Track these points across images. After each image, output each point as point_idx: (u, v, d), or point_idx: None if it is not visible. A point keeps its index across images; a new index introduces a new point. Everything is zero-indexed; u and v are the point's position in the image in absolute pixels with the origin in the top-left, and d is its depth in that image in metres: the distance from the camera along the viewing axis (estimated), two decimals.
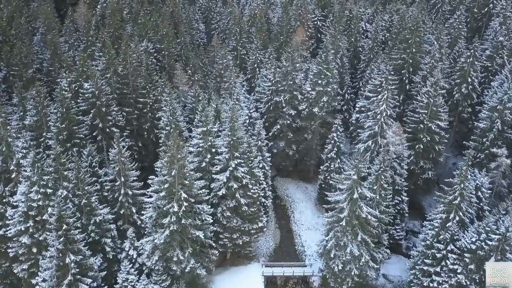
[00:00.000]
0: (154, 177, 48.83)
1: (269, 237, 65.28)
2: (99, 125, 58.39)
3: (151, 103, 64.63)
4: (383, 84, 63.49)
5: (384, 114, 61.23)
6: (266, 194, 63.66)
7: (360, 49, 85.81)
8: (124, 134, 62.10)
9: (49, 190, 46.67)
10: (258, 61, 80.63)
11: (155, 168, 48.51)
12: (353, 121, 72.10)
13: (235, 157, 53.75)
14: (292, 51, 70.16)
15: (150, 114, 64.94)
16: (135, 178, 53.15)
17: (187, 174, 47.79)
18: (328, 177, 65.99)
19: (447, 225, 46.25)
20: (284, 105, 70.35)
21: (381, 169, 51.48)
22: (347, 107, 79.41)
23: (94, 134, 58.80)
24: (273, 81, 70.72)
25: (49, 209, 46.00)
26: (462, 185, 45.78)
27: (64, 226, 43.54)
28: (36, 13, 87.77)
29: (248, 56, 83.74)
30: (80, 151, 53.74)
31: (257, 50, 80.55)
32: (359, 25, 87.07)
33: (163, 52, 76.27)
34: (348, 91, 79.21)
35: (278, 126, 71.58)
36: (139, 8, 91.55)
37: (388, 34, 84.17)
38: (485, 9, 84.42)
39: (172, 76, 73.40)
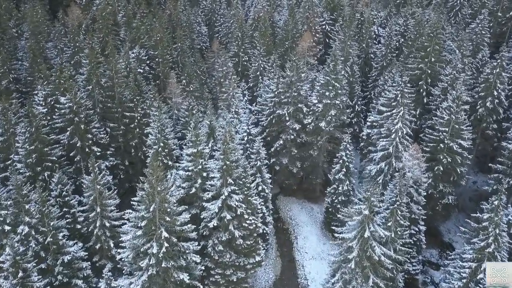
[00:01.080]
0: (130, 211, 40.56)
1: (269, 267, 56.83)
2: (77, 144, 50.25)
3: (139, 117, 56.37)
4: (398, 98, 54.80)
5: (399, 133, 52.47)
6: (266, 220, 55.27)
7: (372, 55, 76.77)
8: (108, 152, 54.18)
9: (7, 227, 38.73)
10: (261, 68, 72.16)
11: (131, 203, 40.20)
12: (364, 137, 63.25)
13: (228, 184, 45.37)
14: (297, 59, 61.45)
15: (138, 130, 56.68)
16: (113, 208, 45.04)
17: (169, 210, 39.47)
18: (336, 201, 57.62)
19: (477, 277, 37.39)
20: (287, 118, 61.83)
21: (397, 202, 42.72)
22: (357, 120, 70.59)
23: (71, 154, 50.65)
24: (276, 92, 62.16)
25: (7, 249, 38.05)
26: (497, 230, 36.85)
27: (21, 273, 35.72)
28: (27, 15, 79.48)
29: (251, 63, 75.25)
30: (51, 175, 45.77)
31: (260, 57, 72.09)
32: (371, 30, 77.85)
33: (157, 59, 67.90)
34: (359, 102, 70.35)
35: (281, 141, 63.09)
36: (136, 10, 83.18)
37: (402, 40, 75.02)
38: (510, 13, 74.69)
39: (167, 86, 65.23)
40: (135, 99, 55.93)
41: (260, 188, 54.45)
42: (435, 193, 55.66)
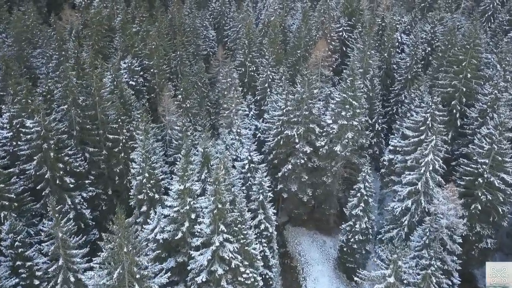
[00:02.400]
0: (92, 273, 31.15)
1: None
2: (46, 175, 41.00)
3: (124, 140, 47.00)
4: (427, 122, 44.66)
5: (430, 167, 42.08)
6: (269, 264, 45.45)
7: (394, 66, 65.97)
8: (86, 182, 44.98)
9: None
10: (270, 80, 62.11)
11: (93, 265, 30.76)
12: (385, 163, 52.89)
13: (220, 231, 35.72)
14: (309, 73, 51.33)
15: (123, 154, 47.30)
16: (79, 259, 35.69)
17: (138, 276, 29.93)
18: (352, 240, 47.63)
19: None
20: (297, 140, 51.93)
21: (432, 267, 32.53)
22: (377, 140, 60.26)
23: (39, 187, 41.40)
24: (284, 110, 52.23)
25: None
26: None
27: None
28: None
29: (258, 73, 65.20)
30: (8, 216, 36.59)
31: (269, 67, 62.08)
32: (393, 37, 66.84)
33: (152, 70, 58.33)
34: (379, 120, 59.92)
35: (290, 166, 53.18)
36: (135, 13, 73.66)
37: (429, 49, 64.29)
38: None
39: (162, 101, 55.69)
40: (119, 119, 46.53)
41: (262, 226, 44.61)
42: (471, 235, 45.20)
